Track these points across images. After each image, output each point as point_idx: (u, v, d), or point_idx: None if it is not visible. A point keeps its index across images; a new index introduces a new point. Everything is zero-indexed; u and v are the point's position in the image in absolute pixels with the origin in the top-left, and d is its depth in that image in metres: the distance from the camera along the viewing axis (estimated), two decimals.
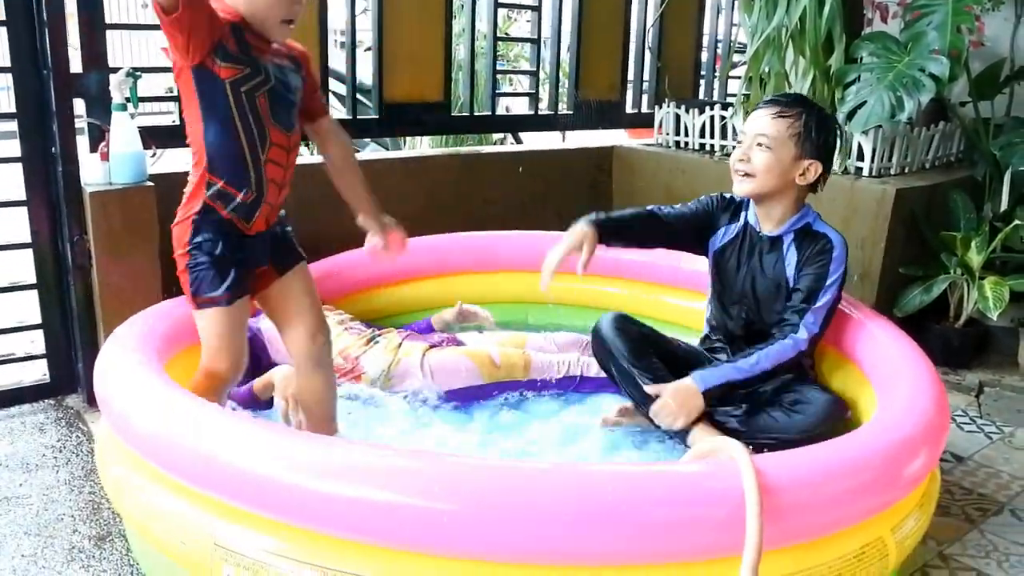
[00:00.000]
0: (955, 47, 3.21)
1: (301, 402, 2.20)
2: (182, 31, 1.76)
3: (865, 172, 3.38)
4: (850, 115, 3.27)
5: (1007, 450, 2.74)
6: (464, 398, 2.61)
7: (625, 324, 2.48)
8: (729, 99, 4.57)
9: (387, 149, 4.64)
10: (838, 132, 2.43)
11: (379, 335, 2.76)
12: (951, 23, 3.23)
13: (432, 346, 2.71)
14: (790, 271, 2.37)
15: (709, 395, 2.27)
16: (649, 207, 2.57)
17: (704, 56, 4.82)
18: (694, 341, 2.67)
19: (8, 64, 2.67)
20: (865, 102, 3.21)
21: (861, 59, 3.43)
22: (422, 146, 4.76)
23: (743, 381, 2.30)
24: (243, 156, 1.93)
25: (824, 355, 2.54)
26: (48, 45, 2.63)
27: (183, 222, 1.98)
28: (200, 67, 1.83)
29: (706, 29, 4.78)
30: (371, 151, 4.58)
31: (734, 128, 3.84)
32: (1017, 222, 3.36)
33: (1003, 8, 3.96)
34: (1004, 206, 3.51)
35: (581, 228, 2.40)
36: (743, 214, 2.49)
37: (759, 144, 2.30)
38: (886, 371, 2.17)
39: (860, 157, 3.39)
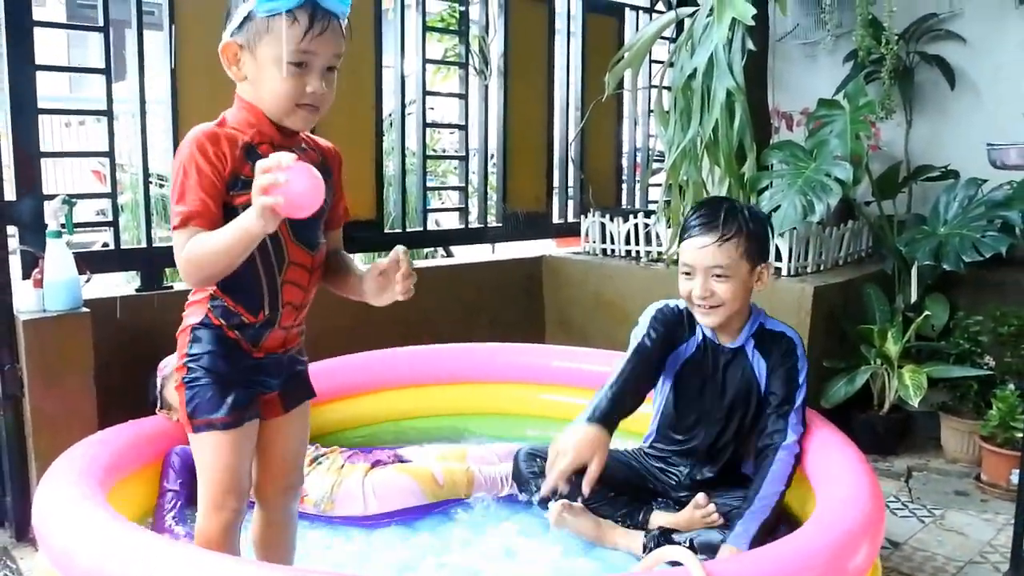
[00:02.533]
0: (855, 153, 3.45)
1: (256, 543, 1.98)
2: None
3: (784, 272, 3.55)
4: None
5: (939, 532, 2.83)
6: (408, 514, 2.60)
7: (536, 464, 2.50)
8: (651, 206, 4.78)
9: None
10: (768, 218, 2.46)
11: (322, 455, 2.74)
12: (850, 131, 3.48)
13: (374, 464, 2.70)
14: (761, 377, 2.36)
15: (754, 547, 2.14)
16: (620, 371, 2.37)
17: (625, 163, 5.04)
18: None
19: None
20: (779, 206, 3.40)
21: (772, 166, 3.64)
22: (355, 261, 4.81)
23: (774, 508, 2.17)
24: (257, 278, 1.72)
25: None
26: None
27: (183, 331, 1.77)
28: None
29: (625, 140, 5.01)
30: None
31: (657, 235, 4.00)
32: (927, 312, 3.56)
33: (895, 115, 4.28)
34: (914, 297, 3.71)
35: (593, 434, 2.17)
36: (697, 327, 2.42)
37: (716, 276, 2.27)
38: (821, 465, 2.25)
39: (778, 258, 3.57)
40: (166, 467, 2.52)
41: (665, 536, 2.31)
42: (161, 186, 4.27)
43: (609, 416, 2.24)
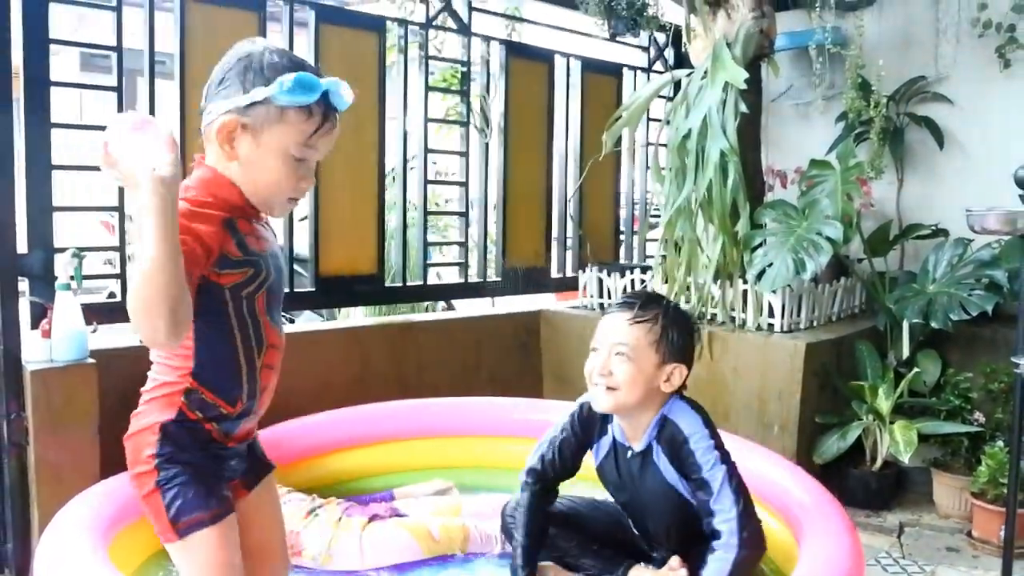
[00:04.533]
0: (846, 213, 3.54)
1: None
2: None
3: (777, 328, 3.62)
4: (759, 276, 3.53)
5: None
6: (403, 568, 2.63)
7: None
8: (648, 261, 4.86)
9: (323, 318, 4.76)
10: (696, 329, 2.33)
11: (319, 507, 2.78)
12: (840, 191, 3.58)
13: (372, 519, 2.74)
14: (672, 479, 2.26)
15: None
16: (525, 491, 2.41)
17: (623, 216, 5.13)
18: None
19: None
20: (772, 264, 3.48)
21: (765, 224, 3.73)
22: (356, 313, 4.89)
23: None
24: (239, 366, 1.65)
25: None
26: None
27: (143, 431, 1.65)
28: (199, 281, 1.52)
29: (623, 195, 5.11)
30: (307, 320, 4.69)
31: (654, 290, 4.07)
32: (918, 369, 3.62)
33: (886, 174, 4.38)
34: (906, 353, 3.77)
35: None
36: (609, 427, 2.37)
37: (619, 354, 2.18)
38: (805, 522, 2.29)
39: (771, 314, 3.63)
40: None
41: None
42: None
43: (533, 559, 2.35)
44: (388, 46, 3.89)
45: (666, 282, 3.91)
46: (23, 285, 2.87)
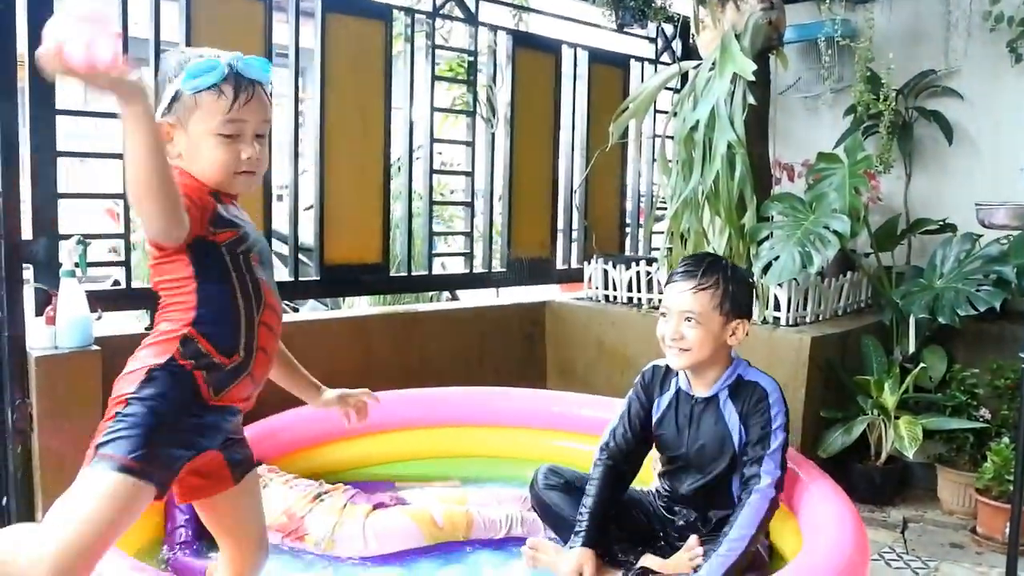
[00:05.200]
0: (854, 207, 3.51)
1: None
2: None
3: (782, 322, 3.60)
4: (765, 269, 3.51)
5: None
6: (406, 556, 2.63)
7: (555, 478, 2.60)
8: (654, 253, 4.84)
9: (327, 307, 4.75)
10: (753, 284, 2.58)
11: (325, 493, 2.78)
12: (848, 185, 3.55)
13: (376, 506, 2.74)
14: (732, 426, 2.43)
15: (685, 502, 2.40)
16: (602, 459, 2.55)
17: (629, 209, 5.12)
18: None
19: None
20: (778, 257, 3.46)
21: (772, 217, 3.71)
22: (360, 303, 4.88)
23: (744, 552, 2.23)
24: (238, 313, 1.72)
25: None
26: (1, 213, 2.72)
27: (134, 372, 1.67)
28: (196, 239, 1.65)
29: (629, 187, 5.10)
30: (311, 310, 4.68)
31: (659, 282, 4.06)
32: (924, 364, 3.60)
33: (894, 169, 4.35)
34: (911, 349, 3.76)
35: (577, 557, 2.36)
36: (673, 381, 2.56)
37: (687, 320, 2.39)
38: (810, 512, 2.29)
39: (777, 308, 3.62)
40: (169, 505, 2.57)
41: (643, 574, 2.37)
42: None
43: (592, 533, 2.42)
44: (395, 35, 3.88)
45: None
46: (27, 272, 2.86)
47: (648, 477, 2.72)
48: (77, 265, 2.80)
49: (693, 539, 2.41)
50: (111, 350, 2.85)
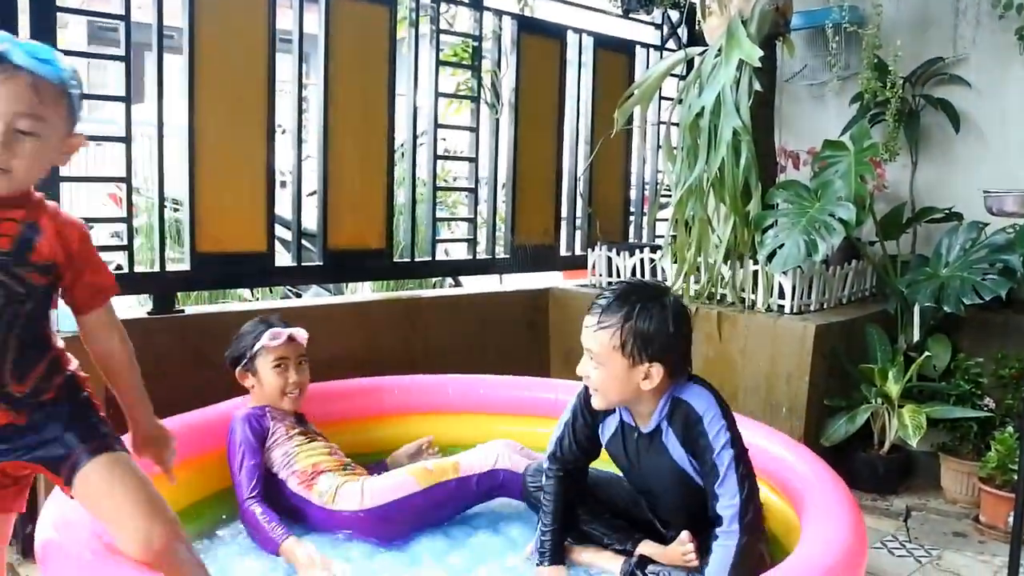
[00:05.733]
0: (859, 195, 3.50)
1: None
2: None
3: (787, 310, 3.59)
4: (770, 257, 3.50)
5: (936, 573, 2.84)
6: (400, 521, 2.64)
7: (541, 479, 2.51)
8: (658, 240, 4.83)
9: (330, 292, 4.74)
10: (673, 324, 2.17)
11: (351, 469, 2.80)
12: (854, 173, 3.53)
13: (373, 471, 2.84)
14: (679, 456, 2.24)
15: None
16: (553, 477, 2.44)
17: (633, 197, 5.10)
18: None
19: None
20: (783, 245, 3.45)
21: (777, 205, 3.69)
22: (364, 289, 4.87)
23: None
24: None
25: None
26: None
27: None
28: None
29: (633, 174, 5.08)
30: (314, 295, 4.68)
31: (663, 269, 4.05)
32: (928, 353, 3.59)
33: (900, 157, 4.33)
34: (916, 337, 3.74)
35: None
36: (616, 408, 2.34)
37: (592, 360, 2.20)
38: (808, 501, 2.28)
39: (781, 295, 3.61)
40: (234, 443, 2.65)
41: (642, 565, 2.35)
42: (176, 210, 4.34)
43: (557, 549, 2.37)
44: (399, 19, 3.85)
45: (675, 262, 3.89)
46: None
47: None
48: None
49: (686, 534, 2.33)
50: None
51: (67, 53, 3.02)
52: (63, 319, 2.74)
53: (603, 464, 2.55)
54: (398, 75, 3.81)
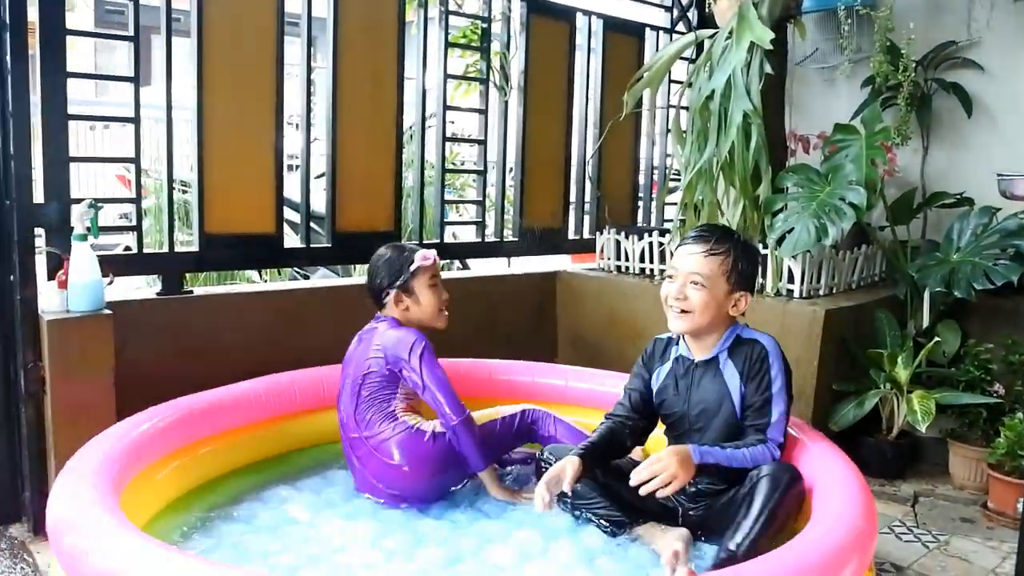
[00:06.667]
0: (870, 179, 3.48)
1: None
2: None
3: (796, 294, 3.58)
4: (779, 241, 3.48)
5: (943, 558, 2.84)
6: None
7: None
8: (666, 224, 4.81)
9: (338, 275, 4.74)
10: (761, 262, 2.59)
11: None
12: (865, 157, 3.51)
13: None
14: (733, 385, 2.43)
15: (699, 468, 2.31)
16: (608, 419, 2.57)
17: (641, 180, 5.08)
18: None
19: None
20: (792, 229, 3.43)
21: (787, 189, 3.67)
22: None
23: (727, 468, 2.33)
24: None
25: None
26: (13, 176, 2.72)
27: None
28: None
29: (642, 158, 5.05)
30: (322, 276, 4.68)
31: (671, 253, 4.03)
32: (938, 338, 3.58)
33: (912, 141, 4.30)
34: (925, 323, 3.73)
35: (568, 460, 2.38)
36: (673, 350, 2.58)
37: (693, 283, 2.41)
38: (819, 482, 2.28)
39: (791, 280, 3.59)
40: (427, 364, 2.68)
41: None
42: (184, 191, 4.34)
43: (589, 451, 2.42)
44: (407, 1, 3.83)
45: None
46: (39, 237, 2.86)
47: None
48: (89, 229, 2.79)
49: (683, 531, 2.37)
50: (122, 314, 2.87)
51: (75, 34, 3.04)
52: (73, 299, 2.76)
53: None
54: (407, 57, 3.79)
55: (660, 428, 2.65)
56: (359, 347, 2.81)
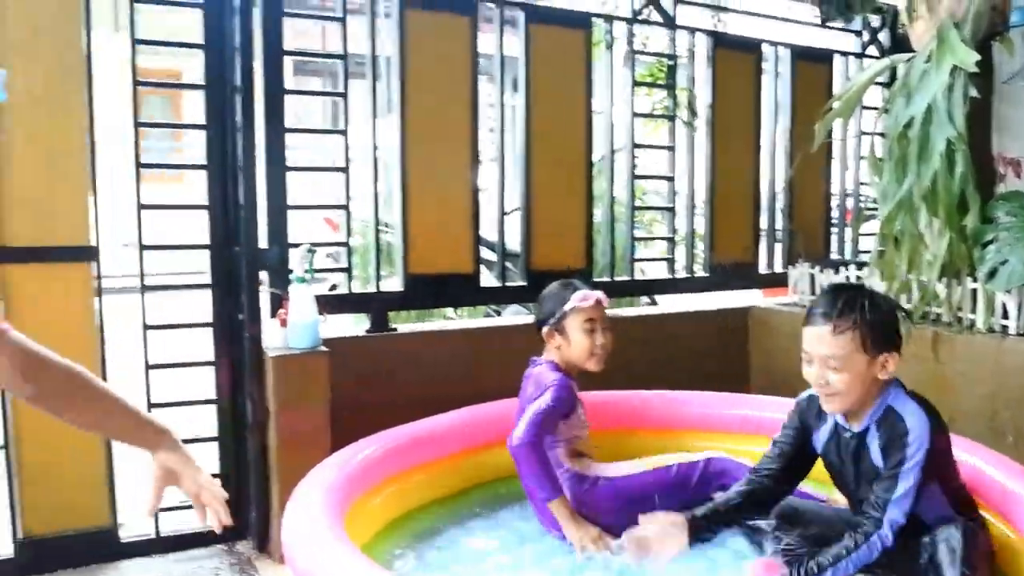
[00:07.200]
0: None
1: None
2: None
3: (1011, 330, 3.35)
4: (991, 274, 3.29)
5: None
6: (627, 496, 2.72)
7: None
8: (862, 256, 4.65)
9: (529, 311, 4.85)
10: (896, 308, 2.35)
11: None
12: None
13: None
14: (877, 460, 2.29)
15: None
16: (753, 474, 2.51)
17: (835, 208, 4.93)
18: None
19: (207, 241, 3.08)
20: (1006, 261, 3.24)
21: (997, 218, 3.47)
22: None
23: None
24: None
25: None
26: (242, 224, 3.00)
27: None
28: None
29: (835, 187, 4.91)
30: (514, 312, 4.81)
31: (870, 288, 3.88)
32: None
33: None
34: None
35: (676, 532, 2.35)
36: (829, 415, 2.43)
37: (831, 367, 2.25)
38: None
39: (1005, 316, 3.38)
40: (548, 397, 2.72)
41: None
42: (384, 233, 4.60)
43: (709, 516, 2.41)
44: (594, 41, 3.93)
45: (884, 279, 3.73)
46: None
47: None
48: (307, 271, 3.02)
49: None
50: (336, 350, 3.08)
51: (292, 93, 3.32)
52: (293, 336, 2.99)
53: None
54: (594, 96, 3.89)
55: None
56: (524, 392, 2.89)
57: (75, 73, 2.83)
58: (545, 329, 2.86)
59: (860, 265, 4.03)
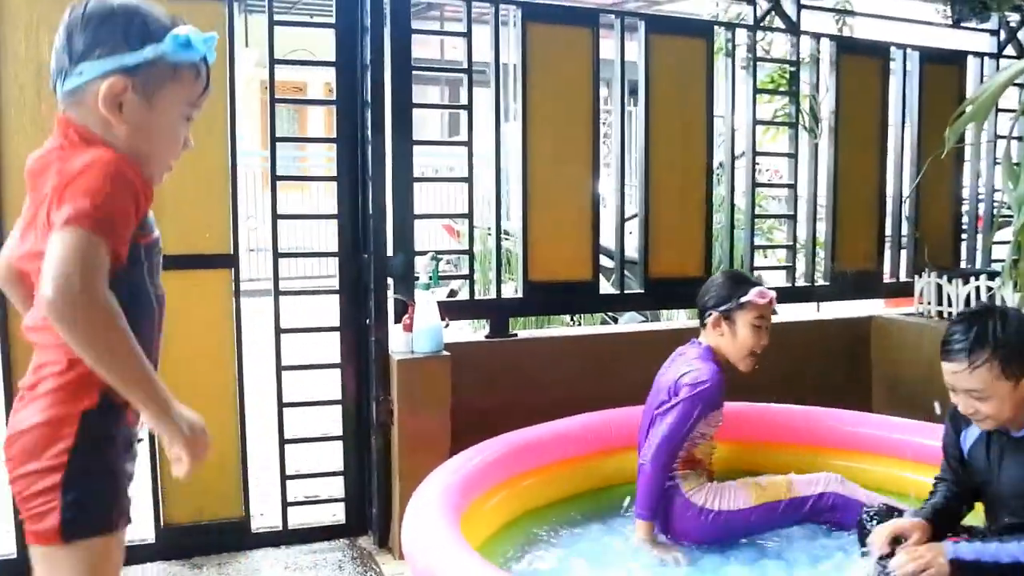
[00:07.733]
0: None
1: None
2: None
3: None
4: None
5: None
6: (726, 530, 2.72)
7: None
8: (994, 265, 4.46)
9: (645, 319, 4.87)
10: None
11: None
12: None
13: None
14: None
15: (955, 564, 2.17)
16: (940, 481, 2.50)
17: (965, 218, 4.75)
18: None
19: (335, 249, 3.24)
20: None
21: None
22: (680, 315, 4.95)
23: (994, 566, 2.16)
24: (151, 329, 1.51)
25: None
26: (371, 232, 3.14)
27: (54, 422, 1.40)
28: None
29: (966, 193, 4.72)
30: (629, 320, 4.83)
31: (1003, 299, 3.73)
32: None
33: None
34: None
35: (919, 524, 2.34)
36: None
37: (975, 397, 2.24)
38: None
39: None
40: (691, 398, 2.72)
41: None
42: (505, 240, 4.71)
43: (937, 515, 2.37)
44: (716, 49, 3.92)
45: (1017, 289, 3.58)
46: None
47: None
48: (431, 278, 3.13)
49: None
50: (457, 355, 3.18)
51: (420, 107, 3.44)
52: (418, 341, 3.11)
53: None
54: (715, 104, 3.88)
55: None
56: (668, 368, 2.86)
57: (219, 91, 3.01)
58: (713, 315, 2.83)
59: (992, 275, 3.87)
